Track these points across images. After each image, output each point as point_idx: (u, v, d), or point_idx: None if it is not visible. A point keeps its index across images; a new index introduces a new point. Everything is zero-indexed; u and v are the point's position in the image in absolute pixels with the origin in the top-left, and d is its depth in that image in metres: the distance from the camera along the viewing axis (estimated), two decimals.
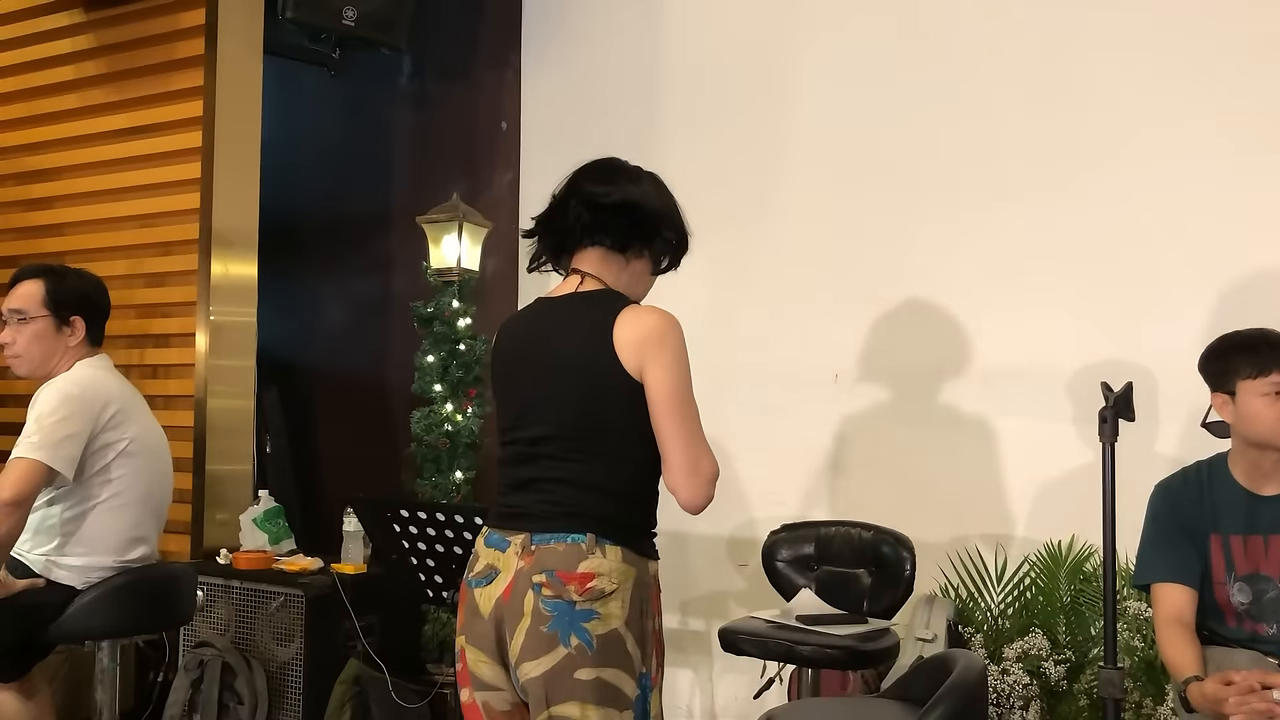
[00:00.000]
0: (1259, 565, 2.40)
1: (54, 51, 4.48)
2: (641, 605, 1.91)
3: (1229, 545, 2.43)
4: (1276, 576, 2.39)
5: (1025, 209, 3.53)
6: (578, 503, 1.91)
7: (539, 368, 1.99)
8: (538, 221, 2.10)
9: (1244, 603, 2.40)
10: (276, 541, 3.90)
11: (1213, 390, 2.45)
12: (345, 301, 4.92)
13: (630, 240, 2.04)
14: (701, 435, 1.92)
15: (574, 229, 2.03)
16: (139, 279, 4.25)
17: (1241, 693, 2.14)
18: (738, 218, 3.97)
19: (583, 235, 2.03)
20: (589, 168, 2.09)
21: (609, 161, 2.11)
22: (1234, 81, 3.26)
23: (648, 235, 2.06)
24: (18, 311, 2.98)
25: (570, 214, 2.03)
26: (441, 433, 3.94)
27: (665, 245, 2.09)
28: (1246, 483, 2.44)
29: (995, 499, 3.54)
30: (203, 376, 4.04)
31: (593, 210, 2.02)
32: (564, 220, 2.04)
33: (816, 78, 3.91)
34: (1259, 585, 2.40)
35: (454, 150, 4.68)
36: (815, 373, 3.82)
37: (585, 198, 2.03)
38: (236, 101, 4.14)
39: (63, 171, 4.48)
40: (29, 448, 2.75)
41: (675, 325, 1.94)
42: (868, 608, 3.15)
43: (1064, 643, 3.18)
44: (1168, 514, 2.50)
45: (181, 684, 3.64)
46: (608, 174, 2.06)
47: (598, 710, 1.86)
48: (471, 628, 1.95)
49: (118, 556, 2.93)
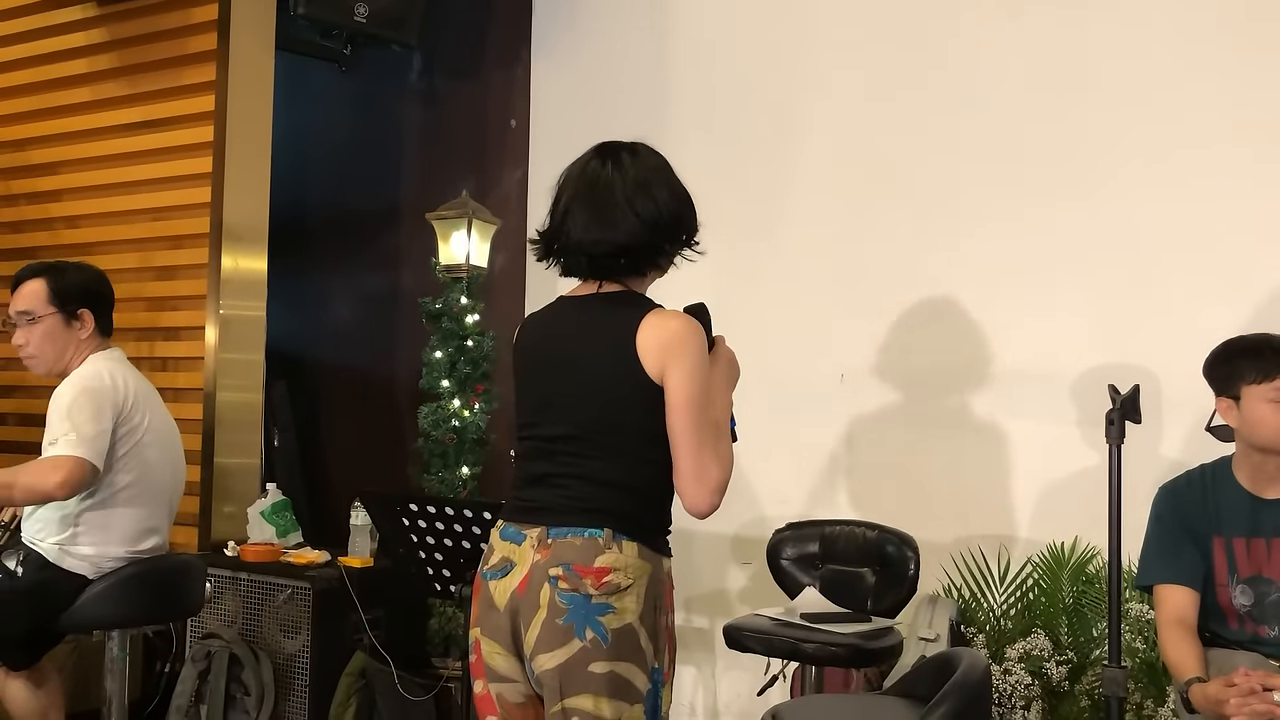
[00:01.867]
0: (1261, 568, 2.42)
1: (66, 45, 4.50)
2: (655, 601, 1.93)
3: (1232, 548, 2.44)
4: (1278, 579, 2.40)
5: (1033, 212, 3.54)
6: (595, 498, 1.92)
7: (561, 366, 2.00)
8: (543, 243, 2.05)
9: (1246, 605, 2.42)
10: (284, 534, 3.93)
11: (1217, 395, 2.47)
12: (353, 297, 4.94)
13: (635, 270, 2.03)
14: (713, 442, 1.90)
15: (580, 267, 2.02)
16: (149, 272, 4.28)
17: (1243, 694, 2.15)
18: (748, 217, 3.98)
19: (590, 273, 2.03)
20: (577, 202, 1.99)
21: (590, 184, 1.99)
22: (1248, 85, 3.26)
23: (651, 261, 2.04)
24: (25, 313, 2.99)
25: (570, 255, 2.01)
26: (449, 428, 3.96)
27: (674, 250, 2.07)
28: (1250, 486, 2.46)
29: (999, 500, 3.55)
30: (212, 370, 4.06)
31: (590, 259, 2.00)
32: (568, 257, 2.02)
33: (829, 78, 3.92)
34: (1261, 588, 2.41)
35: (463, 147, 4.70)
36: (822, 373, 3.84)
37: (580, 247, 1.99)
38: (248, 97, 4.16)
39: (74, 165, 4.50)
40: (73, 445, 2.76)
41: (698, 331, 1.95)
42: (871, 606, 3.16)
43: (1066, 644, 3.20)
44: (1171, 516, 2.51)
45: (189, 675, 3.66)
46: (594, 210, 1.97)
47: (610, 703, 1.87)
48: (487, 620, 1.97)
49: (129, 547, 2.95)
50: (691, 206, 2.08)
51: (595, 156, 2.04)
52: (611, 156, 2.03)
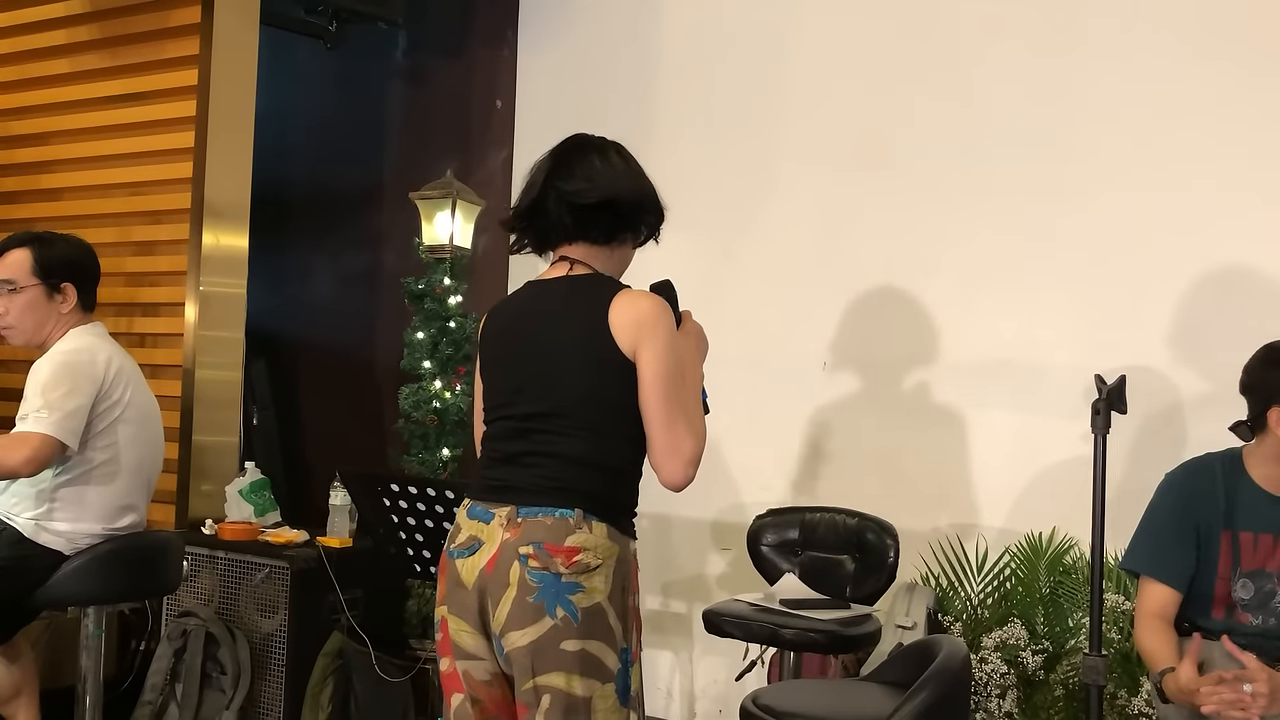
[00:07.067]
0: (1265, 563, 2.42)
1: (46, 15, 4.43)
2: (623, 582, 1.96)
3: (1238, 542, 2.43)
4: (1278, 573, 2.41)
5: (1016, 203, 3.55)
6: (567, 478, 1.95)
7: (535, 347, 2.03)
8: (517, 217, 2.12)
9: (1245, 599, 2.43)
10: (262, 514, 3.91)
11: (1273, 404, 2.37)
12: (335, 276, 4.91)
13: (614, 234, 2.09)
14: (685, 417, 1.95)
15: (557, 228, 2.08)
16: (128, 247, 4.23)
17: (1213, 682, 2.17)
18: (732, 200, 3.98)
19: (568, 235, 2.08)
20: (558, 161, 2.08)
21: (575, 147, 2.10)
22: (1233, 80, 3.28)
23: (630, 225, 2.10)
24: (7, 282, 2.95)
25: (551, 214, 2.06)
26: (430, 409, 3.94)
27: (647, 228, 2.13)
28: (1266, 484, 2.43)
29: (978, 490, 3.57)
30: (191, 347, 4.02)
31: (574, 212, 2.05)
32: (545, 220, 2.08)
33: (815, 63, 3.92)
34: (1260, 580, 2.42)
35: (448, 127, 4.68)
36: (804, 359, 3.85)
37: (563, 198, 2.05)
38: (231, 71, 4.11)
39: (53, 137, 4.44)
40: (41, 422, 2.74)
41: (668, 310, 2.01)
42: (850, 593, 3.18)
43: (1042, 633, 3.22)
44: (1176, 508, 2.48)
45: (164, 653, 3.64)
46: (579, 167, 2.06)
47: (583, 681, 1.90)
48: (454, 598, 1.99)
49: (106, 524, 2.93)
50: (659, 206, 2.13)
51: (570, 141, 2.13)
52: (586, 138, 2.13)
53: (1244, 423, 2.45)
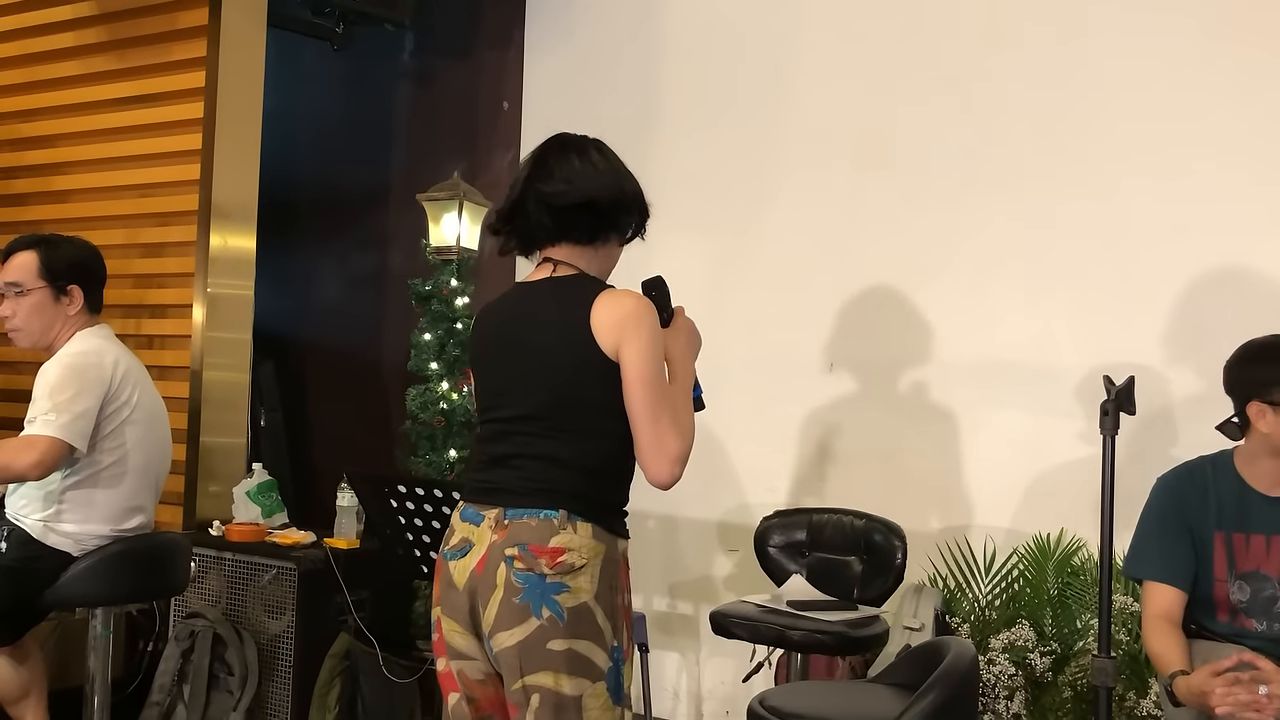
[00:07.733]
0: (1260, 564, 2.41)
1: (55, 17, 4.44)
2: (611, 580, 1.97)
3: (1232, 543, 2.42)
4: (1276, 576, 2.40)
5: (1025, 203, 3.54)
6: (552, 479, 1.97)
7: (518, 349, 2.05)
8: (500, 220, 2.12)
9: (1242, 600, 2.42)
10: (269, 515, 3.91)
11: (1249, 398, 2.38)
12: (342, 277, 4.92)
13: (597, 234, 2.08)
14: (670, 415, 1.95)
15: (539, 230, 2.08)
16: (136, 249, 4.24)
17: (1228, 684, 2.16)
18: (737, 202, 3.97)
19: (550, 236, 2.08)
20: (537, 162, 2.08)
21: (555, 148, 2.10)
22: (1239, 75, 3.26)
23: (613, 225, 2.10)
24: (14, 284, 2.96)
25: (531, 216, 2.06)
26: (436, 410, 3.95)
27: (631, 226, 2.13)
28: (1257, 484, 2.43)
29: (986, 491, 3.56)
30: (199, 348, 4.03)
31: (554, 214, 2.05)
32: (526, 222, 2.08)
33: (824, 63, 3.91)
34: (1257, 583, 2.41)
35: (455, 128, 4.68)
36: (810, 360, 3.84)
37: (542, 200, 2.04)
38: (239, 73, 4.12)
39: (61, 139, 4.45)
40: (49, 425, 2.75)
41: (651, 308, 2.00)
42: (858, 595, 3.18)
43: (1050, 635, 3.21)
44: (1171, 509, 2.48)
45: (172, 654, 3.65)
46: (559, 168, 2.06)
47: (571, 680, 1.91)
48: (447, 599, 2.02)
49: (114, 525, 2.94)
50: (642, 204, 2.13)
51: (551, 141, 2.13)
52: (567, 138, 2.12)
53: (1232, 421, 2.45)
